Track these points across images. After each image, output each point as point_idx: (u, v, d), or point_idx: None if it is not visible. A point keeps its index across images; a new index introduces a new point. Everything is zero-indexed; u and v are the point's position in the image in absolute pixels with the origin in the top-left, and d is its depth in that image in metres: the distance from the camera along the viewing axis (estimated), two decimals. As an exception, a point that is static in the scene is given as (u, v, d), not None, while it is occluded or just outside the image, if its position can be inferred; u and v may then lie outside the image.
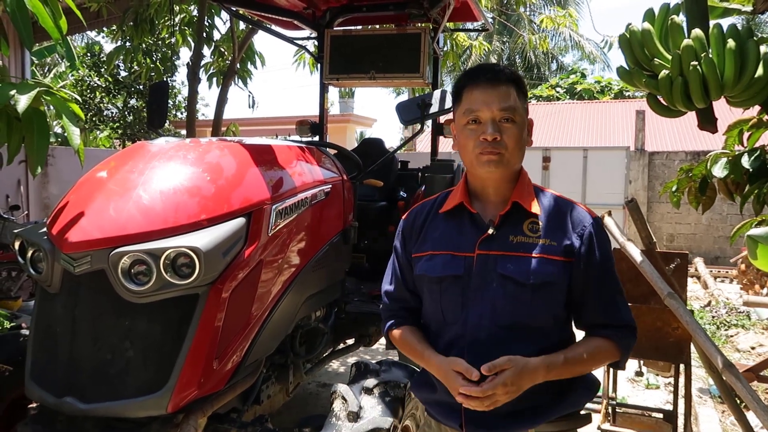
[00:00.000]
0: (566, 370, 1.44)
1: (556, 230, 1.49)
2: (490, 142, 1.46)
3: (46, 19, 2.18)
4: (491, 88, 1.48)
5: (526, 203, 1.51)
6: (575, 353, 1.47)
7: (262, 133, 14.21)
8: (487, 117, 1.47)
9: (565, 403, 1.53)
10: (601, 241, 1.52)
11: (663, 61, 2.09)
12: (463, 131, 1.52)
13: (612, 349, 1.51)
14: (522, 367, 1.36)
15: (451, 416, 1.52)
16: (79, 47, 15.24)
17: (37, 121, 2.22)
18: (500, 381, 1.33)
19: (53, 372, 1.96)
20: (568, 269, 1.47)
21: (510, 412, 1.45)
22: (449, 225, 1.57)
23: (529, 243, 1.47)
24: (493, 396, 1.33)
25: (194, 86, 5.58)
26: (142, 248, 1.86)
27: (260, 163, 2.36)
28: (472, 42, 6.72)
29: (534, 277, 1.44)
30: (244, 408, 2.46)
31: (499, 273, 1.46)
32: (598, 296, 1.51)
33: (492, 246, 1.49)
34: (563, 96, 23.24)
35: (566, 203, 1.57)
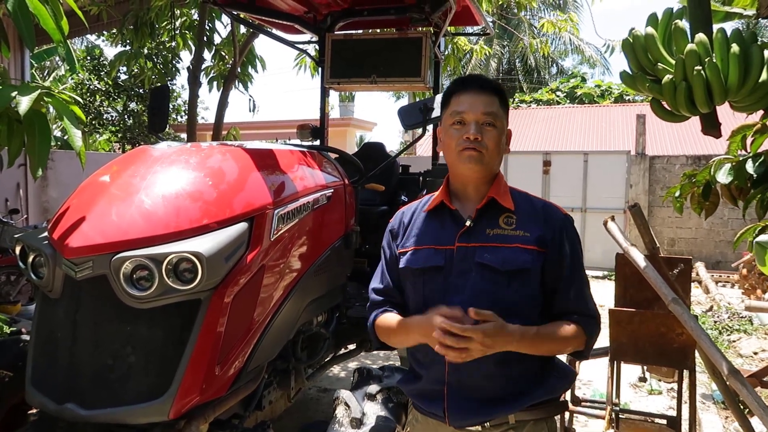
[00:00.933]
0: (537, 342, 1.54)
1: (529, 223, 1.62)
2: (472, 141, 1.59)
3: (47, 20, 2.17)
4: (477, 94, 1.62)
5: (502, 199, 1.63)
6: (546, 330, 1.57)
7: (263, 137, 14.21)
8: (471, 119, 1.60)
9: (541, 389, 1.61)
10: (571, 236, 1.66)
11: (666, 65, 2.09)
12: (448, 131, 1.65)
13: (579, 334, 1.61)
14: (501, 325, 1.45)
15: (434, 404, 1.61)
16: (79, 51, 15.26)
17: (39, 124, 2.21)
18: (480, 328, 1.41)
19: (54, 378, 1.95)
20: (541, 258, 1.59)
21: (489, 398, 1.56)
22: (432, 222, 1.69)
23: (504, 235, 1.60)
24: (469, 342, 1.40)
25: (195, 90, 5.57)
26: (144, 253, 1.85)
27: (262, 168, 2.35)
28: (473, 46, 6.72)
29: (509, 264, 1.56)
30: (246, 414, 2.45)
31: (477, 262, 1.57)
32: (569, 286, 1.63)
33: (470, 239, 1.60)
34: (563, 100, 23.26)
35: (539, 201, 1.70)
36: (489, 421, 1.57)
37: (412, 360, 1.73)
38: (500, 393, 1.56)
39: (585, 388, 4.55)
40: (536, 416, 1.61)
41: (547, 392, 1.62)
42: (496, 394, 1.56)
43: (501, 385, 1.56)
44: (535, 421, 1.62)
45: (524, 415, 1.59)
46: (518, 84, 25.70)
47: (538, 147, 16.24)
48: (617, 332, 2.47)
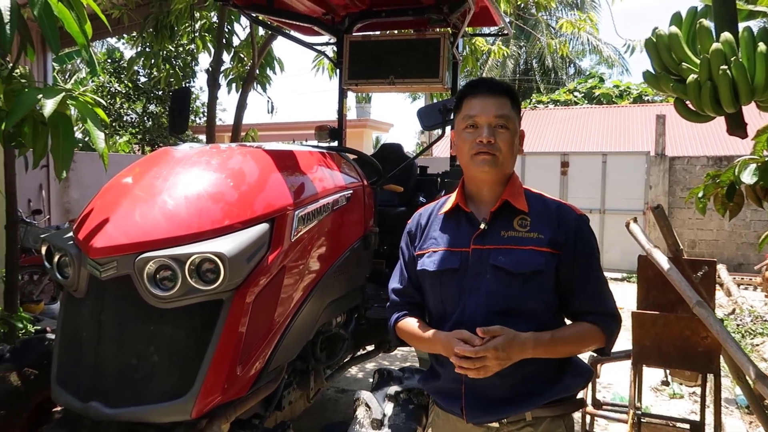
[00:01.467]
0: (553, 347, 1.56)
1: (543, 225, 1.63)
2: (485, 144, 1.60)
3: (71, 24, 2.21)
4: (489, 97, 1.64)
5: (516, 201, 1.65)
6: (562, 333, 1.60)
7: (281, 138, 14.27)
8: (484, 122, 1.62)
9: (557, 387, 1.62)
10: (586, 235, 1.66)
11: (691, 65, 2.06)
12: (461, 135, 1.68)
13: (598, 334, 1.62)
14: (513, 337, 1.47)
15: (453, 401, 1.64)
16: (100, 53, 15.46)
17: (63, 126, 2.24)
18: (491, 345, 1.44)
19: (79, 376, 1.97)
20: (555, 260, 1.60)
21: (506, 396, 1.58)
22: (448, 224, 1.72)
23: (518, 237, 1.61)
24: (484, 359, 1.44)
25: (214, 92, 5.61)
26: (168, 254, 1.86)
27: (282, 169, 2.36)
28: (490, 46, 6.69)
29: (523, 266, 1.57)
30: (266, 414, 2.46)
31: (492, 264, 1.59)
32: (585, 286, 1.64)
33: (485, 241, 1.63)
34: (581, 100, 23.06)
35: (554, 202, 1.70)
36: (506, 418, 1.60)
37: (432, 358, 1.75)
38: (516, 391, 1.59)
39: (605, 391, 4.50)
40: (553, 413, 1.63)
41: (563, 390, 1.64)
42: (512, 392, 1.59)
43: (517, 383, 1.58)
44: (552, 418, 1.64)
45: (541, 412, 1.61)
46: (535, 85, 25.54)
47: (555, 148, 16.11)
48: (640, 335, 2.44)
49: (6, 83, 2.37)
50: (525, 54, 25.27)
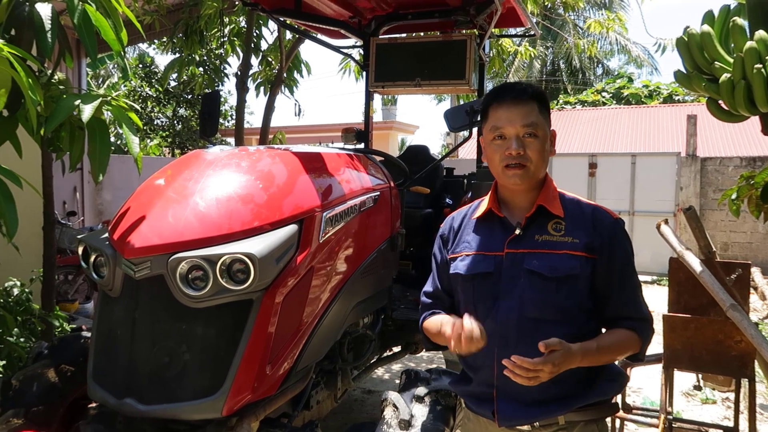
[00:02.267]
0: (598, 356, 1.55)
1: (578, 229, 1.62)
2: (515, 156, 1.60)
3: (108, 31, 2.27)
4: (514, 106, 1.61)
5: (551, 206, 1.64)
6: (605, 342, 1.58)
7: (308, 140, 14.40)
8: (512, 133, 1.61)
9: (592, 392, 1.62)
10: (621, 240, 1.65)
11: (724, 64, 2.03)
12: (490, 146, 1.67)
13: (635, 339, 1.61)
14: (567, 351, 1.46)
15: (484, 405, 1.65)
16: (132, 59, 15.80)
17: (99, 130, 2.31)
18: (551, 359, 1.43)
19: (114, 374, 2.02)
20: (590, 264, 1.59)
21: (538, 400, 1.58)
22: (481, 229, 1.72)
23: (553, 241, 1.61)
24: (540, 372, 1.43)
25: (242, 95, 5.70)
26: (200, 254, 1.90)
27: (311, 171, 2.39)
28: (517, 47, 6.65)
29: (558, 271, 1.57)
30: (295, 413, 2.48)
31: (526, 269, 1.59)
32: (621, 291, 1.62)
33: (519, 245, 1.63)
34: (609, 101, 22.72)
35: (589, 206, 1.69)
36: (537, 421, 1.60)
37: (462, 362, 1.76)
38: (549, 395, 1.58)
39: (635, 395, 4.43)
40: (586, 417, 1.62)
41: (597, 395, 1.63)
42: (545, 396, 1.58)
43: (550, 388, 1.56)
44: (586, 423, 1.63)
45: (574, 416, 1.61)
46: (562, 85, 25.26)
47: (583, 149, 15.91)
48: (672, 339, 2.40)
49: (45, 89, 2.45)
50: (552, 55, 25.01)
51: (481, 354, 1.56)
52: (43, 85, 2.48)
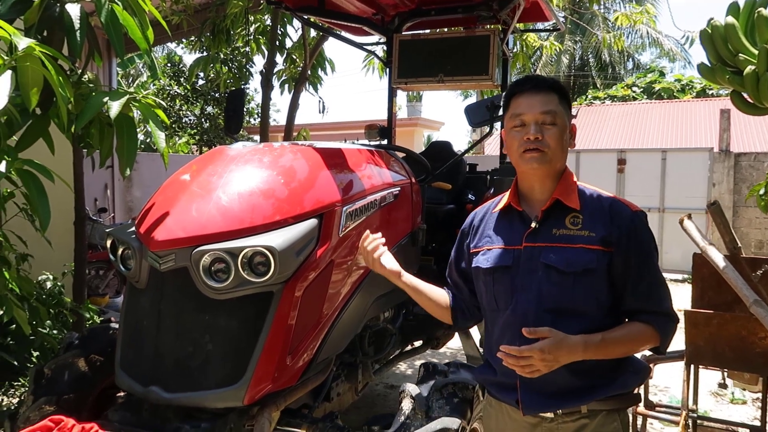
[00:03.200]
0: (603, 349, 1.55)
1: (595, 223, 1.62)
2: (533, 141, 1.61)
3: (135, 30, 2.34)
4: (534, 94, 1.65)
5: (567, 199, 1.65)
6: (613, 335, 1.57)
7: (332, 138, 14.48)
8: (531, 119, 1.63)
9: (615, 384, 1.62)
10: (641, 232, 1.63)
11: (749, 56, 2.00)
12: (510, 134, 1.69)
13: (652, 333, 1.60)
14: (561, 339, 1.48)
15: (509, 394, 1.67)
16: (160, 57, 16.09)
17: (127, 127, 2.38)
18: (537, 346, 1.46)
19: (140, 363, 2.09)
20: (606, 258, 1.58)
21: (562, 389, 1.60)
22: (502, 223, 1.75)
23: (570, 235, 1.62)
24: (530, 359, 1.46)
25: (267, 93, 5.77)
26: (222, 247, 1.95)
27: (331, 167, 2.42)
28: (542, 42, 6.59)
29: (574, 265, 1.58)
30: (315, 404, 2.53)
31: (543, 263, 1.61)
32: (638, 284, 1.61)
33: (537, 239, 1.64)
34: (640, 96, 22.28)
35: (608, 198, 1.68)
36: (561, 410, 1.61)
37: (487, 353, 1.79)
38: (572, 385, 1.60)
39: (661, 394, 4.37)
40: (609, 407, 1.63)
41: (620, 386, 1.64)
42: (568, 386, 1.60)
43: (573, 378, 1.58)
44: (608, 412, 1.63)
45: (596, 406, 1.62)
46: (591, 80, 24.87)
47: (612, 145, 15.66)
48: (693, 335, 2.37)
49: (76, 88, 2.53)
50: (581, 49, 24.64)
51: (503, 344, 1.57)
52: (73, 84, 2.57)
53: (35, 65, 2.01)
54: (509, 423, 1.71)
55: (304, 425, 2.25)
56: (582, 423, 1.61)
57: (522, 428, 1.67)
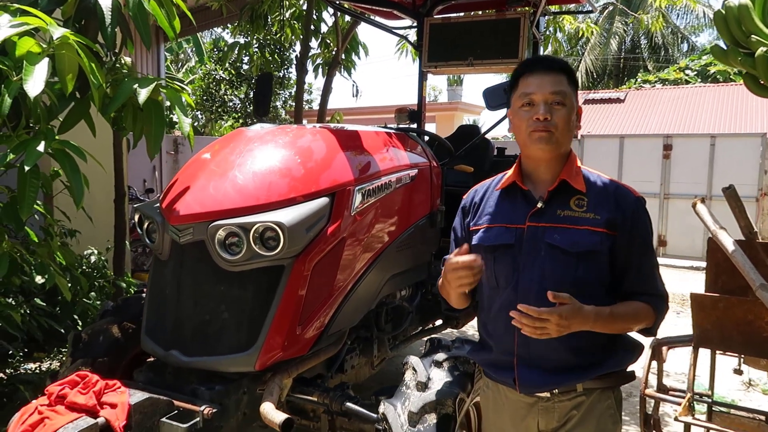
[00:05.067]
0: (610, 322, 1.58)
1: (600, 206, 1.64)
2: (542, 122, 1.62)
3: (162, 20, 2.48)
4: (544, 74, 1.65)
5: (574, 181, 1.67)
6: (619, 309, 1.61)
7: (366, 122, 14.57)
8: (540, 99, 1.63)
9: (609, 362, 1.66)
10: (642, 218, 1.67)
11: (762, 37, 1.97)
12: (517, 113, 1.69)
13: (649, 313, 1.64)
14: (578, 308, 1.50)
15: (505, 373, 1.70)
16: (207, 43, 16.47)
17: (155, 111, 2.53)
18: (557, 311, 1.47)
19: (162, 328, 2.26)
20: (610, 240, 1.61)
21: (557, 368, 1.63)
22: (504, 201, 1.75)
23: (575, 216, 1.64)
24: (546, 322, 1.47)
25: (302, 77, 5.90)
26: (235, 222, 2.08)
27: (346, 148, 2.51)
28: (579, 24, 6.47)
29: (578, 246, 1.60)
30: (329, 375, 2.65)
31: (547, 242, 1.63)
32: (639, 267, 1.65)
33: (541, 219, 1.66)
34: (693, 79, 21.41)
35: (612, 183, 1.71)
36: (557, 388, 1.65)
37: (482, 331, 1.81)
38: (568, 364, 1.63)
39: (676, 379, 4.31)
40: (603, 385, 1.67)
41: (614, 364, 1.68)
42: (565, 364, 1.63)
43: (569, 356, 1.63)
44: (603, 390, 1.67)
45: (591, 384, 1.65)
46: (642, 63, 24.06)
47: (659, 130, 15.17)
48: (701, 318, 2.36)
49: (111, 74, 2.70)
50: (632, 31, 23.83)
51: (502, 323, 1.63)
52: (108, 70, 2.74)
53: (71, 53, 2.16)
54: (506, 404, 1.74)
55: (315, 393, 2.36)
56: (578, 401, 1.65)
57: (519, 408, 1.70)
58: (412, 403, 2.04)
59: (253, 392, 2.23)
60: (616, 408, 1.70)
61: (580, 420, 1.65)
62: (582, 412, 1.65)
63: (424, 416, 1.99)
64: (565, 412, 1.66)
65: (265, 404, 2.00)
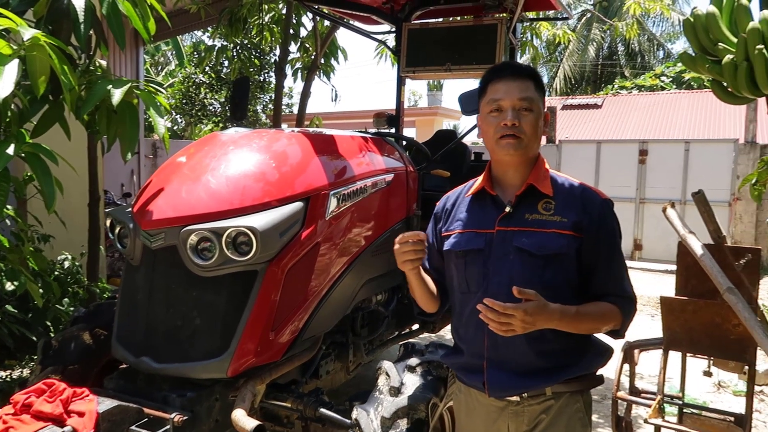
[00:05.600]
0: (577, 321, 1.60)
1: (567, 209, 1.66)
2: (510, 127, 1.64)
3: (136, 21, 2.45)
4: (512, 80, 1.68)
5: (541, 185, 1.69)
6: (586, 309, 1.63)
7: (346, 126, 14.55)
8: (508, 105, 1.66)
9: (578, 365, 1.68)
10: (609, 219, 1.69)
11: (728, 45, 2.01)
12: (486, 119, 1.71)
13: (616, 314, 1.66)
14: (544, 305, 1.51)
15: (475, 377, 1.72)
16: (187, 46, 16.33)
17: (129, 113, 2.50)
18: (522, 306, 1.48)
19: (133, 334, 2.23)
20: (577, 243, 1.64)
21: (526, 371, 1.65)
22: (474, 207, 1.77)
23: (542, 220, 1.66)
24: (511, 318, 1.47)
25: (281, 81, 5.88)
26: (208, 227, 2.06)
27: (322, 152, 2.51)
28: (555, 32, 6.54)
29: (546, 249, 1.62)
30: (303, 380, 2.64)
31: (516, 246, 1.65)
32: (606, 269, 1.68)
33: (510, 223, 1.68)
34: (669, 85, 21.79)
35: (579, 186, 1.73)
36: (526, 392, 1.66)
37: (455, 336, 1.83)
38: (537, 367, 1.65)
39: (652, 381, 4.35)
40: (572, 389, 1.68)
41: (583, 368, 1.69)
42: (533, 368, 1.65)
43: (538, 360, 1.64)
44: (571, 394, 1.69)
45: (560, 388, 1.67)
46: (620, 69, 24.42)
47: (635, 135, 15.40)
48: (670, 321, 2.40)
49: (85, 76, 2.66)
50: (609, 38, 24.19)
51: (473, 327, 1.66)
52: (82, 72, 2.70)
53: (42, 54, 2.13)
54: (478, 408, 1.76)
55: (289, 399, 2.35)
56: (547, 405, 1.67)
57: (490, 413, 1.72)
58: (384, 408, 2.04)
59: (226, 399, 2.21)
60: (585, 412, 1.72)
61: (549, 424, 1.66)
62: (551, 416, 1.66)
63: (397, 421, 1.99)
64: (534, 416, 1.67)
65: (236, 411, 1.99)
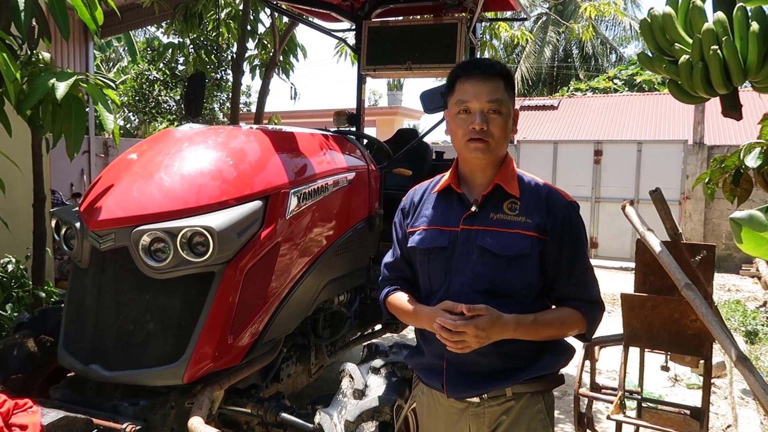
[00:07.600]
0: (534, 330, 1.58)
1: (532, 210, 1.64)
2: (478, 131, 1.61)
3: (83, 11, 2.32)
4: (482, 82, 1.63)
5: (507, 185, 1.67)
6: (544, 317, 1.62)
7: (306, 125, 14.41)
8: (477, 108, 1.62)
9: (538, 365, 1.66)
10: (574, 222, 1.67)
11: (684, 46, 2.04)
12: (454, 119, 1.67)
13: (579, 319, 1.64)
14: (496, 318, 1.50)
15: (435, 377, 1.69)
16: (140, 42, 15.87)
17: (75, 108, 2.37)
18: (473, 323, 1.47)
19: (81, 341, 2.11)
20: (540, 244, 1.62)
21: (486, 373, 1.63)
22: (440, 204, 1.74)
23: (507, 220, 1.64)
24: (463, 335, 1.47)
25: (238, 78, 5.74)
26: (161, 227, 1.97)
27: (281, 150, 2.44)
28: (514, 32, 6.62)
29: (509, 249, 1.60)
30: (264, 385, 2.56)
31: (479, 245, 1.62)
32: (569, 272, 1.65)
33: (474, 222, 1.66)
34: (621, 88, 22.41)
35: (545, 187, 1.71)
36: (486, 393, 1.64)
37: (418, 335, 1.80)
38: (496, 368, 1.63)
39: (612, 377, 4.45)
40: (533, 389, 1.67)
41: (542, 368, 1.67)
42: (493, 369, 1.63)
43: (497, 361, 1.62)
44: (532, 394, 1.67)
45: (521, 388, 1.65)
46: (574, 72, 25.01)
47: (590, 136, 15.77)
48: (630, 317, 2.43)
49: (24, 67, 2.51)
50: (564, 40, 24.74)
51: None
52: (24, 64, 2.55)
53: (-23, 44, 2.00)
54: (440, 409, 1.73)
55: (249, 404, 2.27)
56: (507, 406, 1.65)
57: (451, 414, 1.70)
58: (348, 411, 1.99)
59: (182, 406, 2.12)
60: (546, 412, 1.70)
61: (510, 425, 1.65)
62: (512, 417, 1.65)
63: (362, 425, 1.95)
64: (495, 417, 1.65)
65: (193, 419, 1.90)
